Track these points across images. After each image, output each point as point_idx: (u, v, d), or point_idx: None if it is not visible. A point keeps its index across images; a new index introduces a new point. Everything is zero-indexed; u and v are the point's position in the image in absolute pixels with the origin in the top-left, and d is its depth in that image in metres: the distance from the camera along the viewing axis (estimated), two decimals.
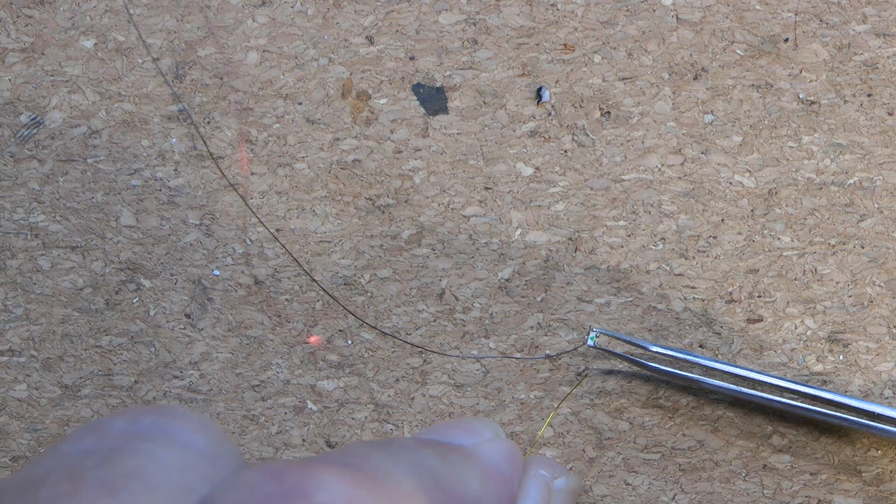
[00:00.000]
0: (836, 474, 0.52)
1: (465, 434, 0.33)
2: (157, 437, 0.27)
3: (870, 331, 0.53)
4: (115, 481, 0.25)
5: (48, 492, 0.25)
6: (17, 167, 0.55)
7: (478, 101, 0.55)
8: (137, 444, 0.27)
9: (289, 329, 0.54)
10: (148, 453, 0.26)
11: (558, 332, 0.53)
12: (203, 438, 0.28)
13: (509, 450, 0.33)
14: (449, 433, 0.33)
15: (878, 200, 0.53)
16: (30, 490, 0.25)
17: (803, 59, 0.54)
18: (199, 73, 0.55)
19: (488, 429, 0.34)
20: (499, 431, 0.34)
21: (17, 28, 0.56)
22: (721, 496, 0.52)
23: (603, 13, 0.55)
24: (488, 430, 0.34)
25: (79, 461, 0.26)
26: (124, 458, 0.26)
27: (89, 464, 0.26)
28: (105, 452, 0.26)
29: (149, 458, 0.26)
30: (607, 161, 0.54)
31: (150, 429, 0.27)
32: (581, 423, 0.52)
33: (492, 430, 0.34)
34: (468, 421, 0.35)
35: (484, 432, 0.33)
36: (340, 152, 0.55)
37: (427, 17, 0.55)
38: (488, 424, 0.34)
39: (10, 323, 0.54)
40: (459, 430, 0.33)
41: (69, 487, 0.25)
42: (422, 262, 0.54)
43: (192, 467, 0.27)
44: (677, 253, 0.53)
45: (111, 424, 0.27)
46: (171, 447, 0.27)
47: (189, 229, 0.54)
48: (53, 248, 0.54)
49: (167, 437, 0.27)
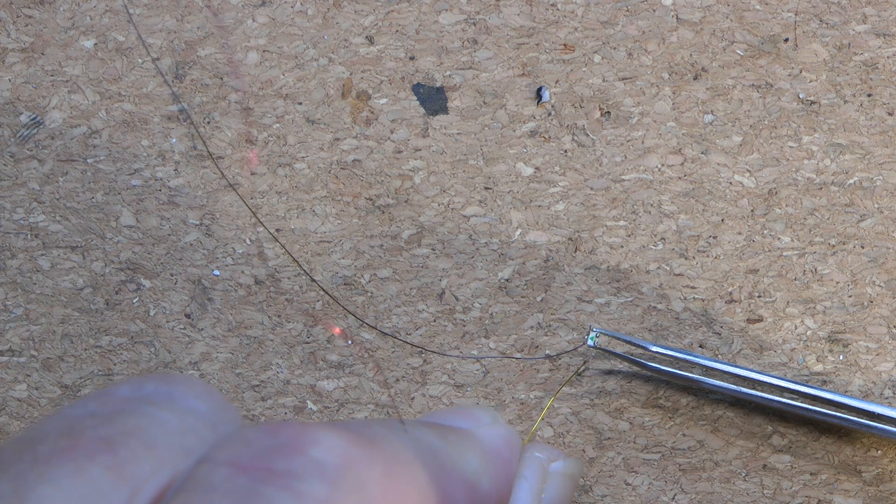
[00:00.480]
0: (836, 474, 0.52)
1: (465, 419, 0.33)
2: (160, 401, 0.27)
3: (870, 331, 0.53)
4: (113, 438, 0.26)
5: (47, 447, 0.25)
6: (17, 167, 0.55)
7: (478, 101, 0.55)
8: (139, 406, 0.27)
9: (289, 329, 0.54)
10: (149, 415, 0.27)
11: (558, 332, 0.53)
12: (205, 404, 0.28)
13: (507, 433, 0.34)
14: (449, 418, 0.33)
15: (878, 200, 0.53)
16: (29, 446, 0.26)
17: (803, 59, 0.54)
18: (199, 73, 0.55)
19: (487, 415, 0.34)
20: (497, 418, 0.34)
21: (17, 28, 0.56)
22: (721, 496, 0.52)
23: (603, 13, 0.55)
24: (487, 416, 0.34)
25: (80, 421, 0.26)
26: (125, 418, 0.26)
27: (90, 423, 0.26)
28: (107, 414, 0.27)
29: (150, 420, 0.27)
30: (607, 161, 0.54)
31: (153, 394, 0.27)
32: (581, 423, 0.52)
33: (490, 417, 0.34)
34: (467, 407, 0.35)
35: (483, 418, 0.34)
36: (340, 152, 0.55)
37: (427, 17, 0.55)
38: (487, 411, 0.34)
39: (10, 323, 0.54)
40: (459, 415, 0.34)
41: (68, 443, 0.25)
42: (422, 262, 0.54)
43: (192, 430, 0.27)
44: (677, 253, 0.53)
45: (115, 391, 0.28)
46: (173, 411, 0.27)
47: (189, 229, 0.54)
48: (53, 248, 0.54)
49: (169, 401, 0.27)
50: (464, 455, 0.31)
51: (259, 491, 0.25)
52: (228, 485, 0.25)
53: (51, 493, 0.24)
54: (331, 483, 0.26)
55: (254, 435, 0.26)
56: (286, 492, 0.25)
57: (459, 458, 0.31)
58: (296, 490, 0.25)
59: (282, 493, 0.25)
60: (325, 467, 0.26)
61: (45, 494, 0.24)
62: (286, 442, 0.26)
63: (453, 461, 0.31)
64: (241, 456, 0.26)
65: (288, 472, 0.25)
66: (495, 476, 0.32)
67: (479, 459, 0.32)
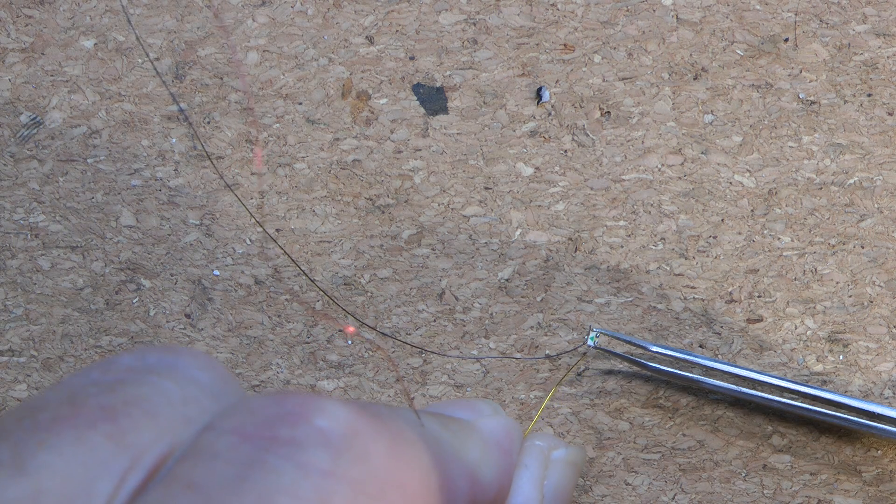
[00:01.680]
0: (836, 474, 0.52)
1: (466, 410, 0.33)
2: (162, 370, 0.27)
3: (870, 331, 0.53)
4: (115, 407, 0.26)
5: (48, 415, 0.25)
6: (17, 167, 0.55)
7: (478, 101, 0.55)
8: (142, 376, 0.27)
9: (289, 329, 0.54)
10: (151, 384, 0.27)
11: (558, 332, 0.53)
12: (207, 375, 0.28)
13: (508, 424, 0.34)
14: (450, 409, 0.34)
15: (878, 200, 0.53)
16: (30, 414, 0.26)
17: (803, 59, 0.54)
18: (199, 73, 0.55)
19: (488, 406, 0.34)
20: (497, 409, 0.34)
21: (17, 28, 0.56)
22: (721, 496, 0.52)
23: (603, 13, 0.55)
24: (488, 408, 0.34)
25: (81, 390, 0.26)
26: (127, 387, 0.26)
27: (91, 391, 0.26)
28: (109, 383, 0.27)
29: (151, 389, 0.26)
30: (607, 161, 0.54)
31: (156, 364, 0.27)
32: (581, 423, 0.53)
33: (491, 408, 0.34)
34: (468, 399, 0.35)
35: (484, 409, 0.34)
36: (340, 152, 0.55)
37: (427, 17, 0.55)
38: (488, 403, 0.34)
39: (10, 323, 0.54)
40: (460, 406, 0.34)
41: (69, 411, 0.25)
42: (422, 262, 0.54)
43: (194, 400, 0.27)
44: (677, 253, 0.53)
45: (117, 360, 0.28)
46: (175, 380, 0.27)
47: (189, 229, 0.54)
48: (53, 248, 0.54)
49: (172, 371, 0.27)
50: (465, 444, 0.31)
51: (262, 459, 0.25)
52: (232, 453, 0.25)
53: (51, 460, 0.25)
54: (335, 453, 0.26)
55: (258, 403, 0.26)
56: (289, 461, 0.25)
57: (461, 447, 0.31)
58: (299, 459, 0.25)
59: (285, 462, 0.25)
60: (330, 437, 0.26)
61: (46, 461, 0.24)
62: (291, 410, 0.26)
63: (455, 449, 0.30)
64: (245, 424, 0.26)
65: (292, 440, 0.25)
66: (496, 466, 0.32)
67: (481, 449, 0.32)
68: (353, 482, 0.25)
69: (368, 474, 0.26)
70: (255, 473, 0.25)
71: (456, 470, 0.30)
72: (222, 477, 0.25)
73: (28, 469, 0.24)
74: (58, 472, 0.24)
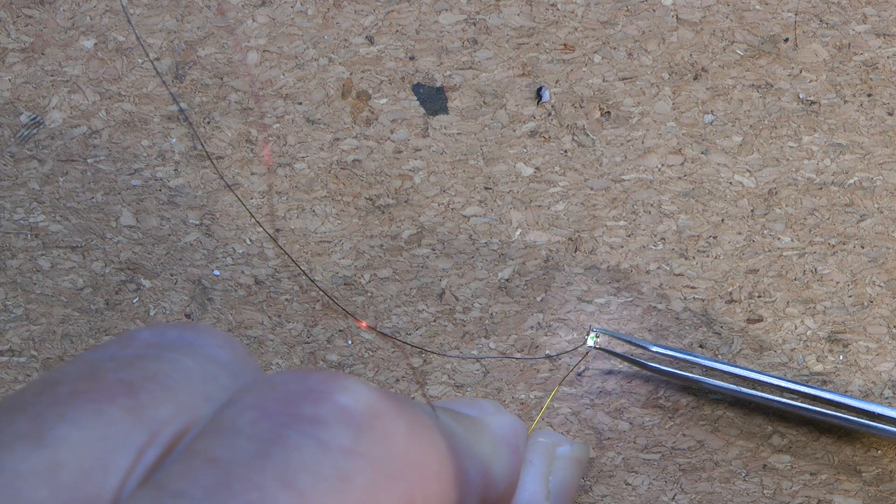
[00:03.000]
0: (836, 474, 0.52)
1: (471, 408, 0.34)
2: (182, 347, 0.27)
3: (870, 331, 0.53)
4: (134, 382, 0.26)
5: (66, 388, 0.25)
6: (17, 167, 0.55)
7: (478, 101, 0.55)
8: (161, 352, 0.27)
9: (289, 329, 0.54)
10: (170, 361, 0.27)
11: (558, 332, 0.53)
12: (227, 353, 0.28)
13: (514, 422, 0.34)
14: (457, 406, 0.34)
15: (878, 200, 0.53)
16: (49, 387, 0.26)
17: (803, 59, 0.54)
18: (199, 73, 0.55)
19: (492, 405, 0.34)
20: (500, 408, 0.34)
21: (17, 28, 0.56)
22: (721, 496, 0.52)
23: (603, 13, 0.55)
24: (491, 406, 0.34)
25: (100, 364, 0.26)
26: (146, 363, 0.26)
27: (111, 366, 0.26)
28: (128, 358, 0.27)
29: (171, 365, 0.26)
30: (607, 161, 0.54)
31: (176, 340, 0.27)
32: (581, 423, 0.53)
33: (494, 407, 0.34)
34: (475, 399, 0.35)
35: (488, 408, 0.34)
36: (340, 152, 0.55)
37: (427, 17, 0.56)
38: (491, 402, 0.35)
39: (10, 323, 0.54)
40: (465, 404, 0.34)
41: (88, 385, 0.25)
42: (422, 262, 0.54)
43: (213, 378, 0.27)
44: (677, 253, 0.53)
45: (137, 335, 0.28)
46: (195, 357, 0.27)
47: (189, 229, 0.54)
48: (53, 248, 0.54)
49: (191, 348, 0.27)
50: (478, 439, 0.31)
51: (283, 435, 0.25)
52: (253, 428, 0.25)
53: (70, 433, 0.25)
54: (357, 431, 0.26)
55: (281, 379, 0.26)
56: (311, 438, 0.25)
57: (474, 442, 0.31)
58: (321, 437, 0.25)
59: (306, 438, 0.25)
60: (352, 415, 0.26)
61: (64, 434, 0.24)
62: (313, 387, 0.26)
63: (469, 443, 0.31)
64: (266, 400, 0.26)
65: (314, 417, 0.25)
66: (506, 462, 0.32)
67: (492, 445, 0.32)
68: (373, 461, 0.25)
69: (389, 454, 0.26)
70: (276, 450, 0.25)
71: (470, 463, 0.30)
72: (243, 452, 0.25)
73: (46, 441, 0.24)
74: (76, 446, 0.24)
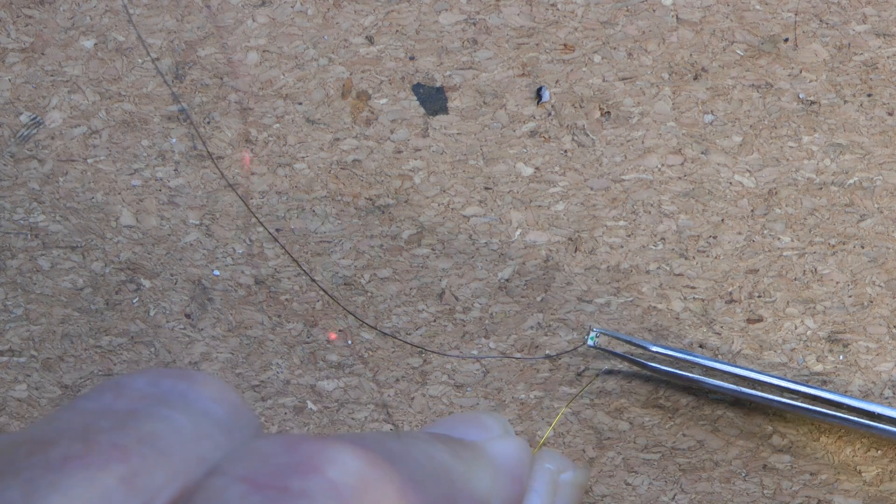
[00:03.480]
0: (836, 474, 0.52)
1: (475, 429, 0.33)
2: (176, 402, 0.27)
3: (870, 331, 0.53)
4: (128, 446, 0.25)
5: (60, 451, 0.25)
6: (17, 167, 0.55)
7: (478, 101, 0.55)
8: (155, 407, 0.27)
9: (289, 329, 0.54)
10: (164, 419, 0.26)
11: (558, 332, 0.53)
12: (222, 407, 0.27)
13: (518, 447, 0.33)
14: (459, 426, 0.33)
15: (878, 200, 0.53)
16: (42, 447, 0.25)
17: (803, 59, 0.54)
18: (199, 73, 0.55)
19: (497, 424, 0.34)
20: (507, 427, 0.34)
21: (17, 28, 0.56)
22: (721, 496, 0.52)
23: (603, 13, 0.55)
24: (497, 426, 0.34)
25: (94, 421, 0.26)
26: (140, 421, 0.26)
27: (104, 425, 0.26)
28: (122, 414, 0.26)
29: (165, 424, 0.26)
30: (607, 161, 0.54)
31: (170, 392, 0.27)
32: (581, 423, 0.53)
33: (501, 426, 0.34)
34: (477, 415, 0.35)
35: (493, 428, 0.33)
36: (340, 152, 0.55)
37: (427, 17, 0.55)
38: (497, 419, 0.34)
39: (10, 323, 0.54)
40: (469, 424, 0.33)
41: (82, 448, 0.25)
42: (422, 262, 0.54)
43: (207, 436, 0.27)
44: (677, 253, 0.53)
45: (131, 383, 0.27)
46: (189, 413, 0.27)
47: (189, 229, 0.54)
48: (53, 248, 0.54)
49: (185, 402, 0.27)
50: (476, 474, 0.31)
51: None
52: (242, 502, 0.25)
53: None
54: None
55: (270, 449, 0.26)
56: None
57: (472, 478, 0.31)
58: None
59: None
60: (342, 489, 0.26)
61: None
62: (303, 460, 0.26)
63: (465, 480, 0.30)
64: (256, 472, 0.26)
65: (303, 492, 0.25)
66: (507, 495, 0.32)
67: (492, 478, 0.31)
68: None
69: None
70: None
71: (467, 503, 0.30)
72: None
73: None
74: None
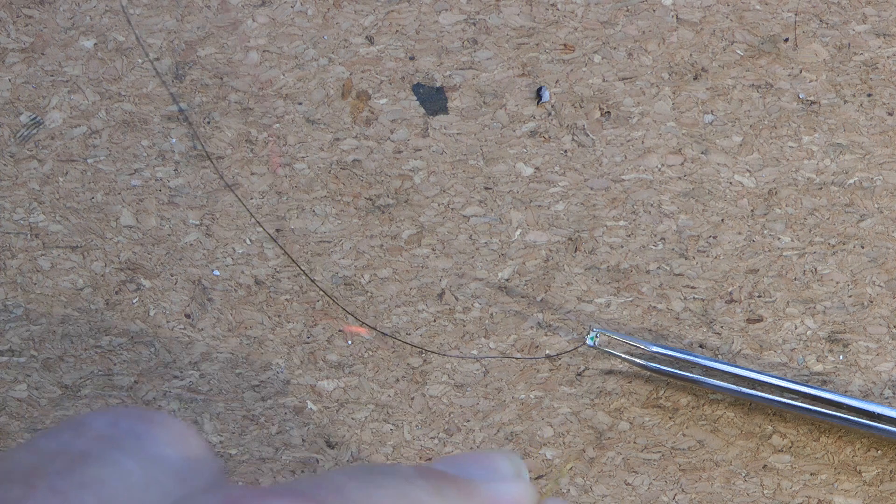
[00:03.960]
0: (836, 474, 0.52)
1: (480, 468, 0.30)
2: (130, 445, 0.26)
3: (870, 331, 0.53)
4: (67, 492, 0.25)
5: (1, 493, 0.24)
6: (17, 167, 0.55)
7: (478, 101, 0.55)
8: (107, 450, 0.26)
9: (289, 329, 0.54)
10: (114, 463, 0.25)
11: (558, 332, 0.53)
12: (178, 452, 0.26)
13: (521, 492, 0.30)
14: (464, 464, 0.30)
15: (878, 200, 0.53)
16: None
17: (803, 59, 0.54)
18: (199, 73, 0.55)
19: (510, 466, 0.31)
20: (522, 472, 0.30)
21: (17, 28, 0.56)
22: (721, 496, 0.52)
23: (603, 13, 0.55)
24: (508, 468, 0.30)
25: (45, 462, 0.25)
26: (88, 465, 0.25)
27: (52, 468, 0.25)
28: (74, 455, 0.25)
29: (113, 469, 0.25)
30: (607, 161, 0.54)
31: (125, 435, 0.26)
32: (581, 423, 0.53)
33: (513, 469, 0.30)
34: (490, 454, 0.31)
35: (502, 469, 0.30)
36: (340, 152, 0.55)
37: (427, 17, 0.56)
38: (511, 461, 0.31)
39: (10, 323, 0.54)
40: (476, 462, 0.30)
41: (20, 493, 0.24)
42: (422, 262, 0.54)
43: (157, 483, 0.26)
44: (677, 253, 0.53)
45: (92, 423, 0.26)
46: (140, 459, 0.26)
47: (189, 229, 0.54)
48: (53, 248, 0.54)
49: (140, 446, 0.26)
50: None
51: None
52: None
53: None
54: None
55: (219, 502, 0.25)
56: None
57: None
58: None
59: None
60: None
61: None
62: None
63: None
64: None
65: None
66: None
67: None
68: None
69: None
70: None
71: None
72: None
73: None
74: None
